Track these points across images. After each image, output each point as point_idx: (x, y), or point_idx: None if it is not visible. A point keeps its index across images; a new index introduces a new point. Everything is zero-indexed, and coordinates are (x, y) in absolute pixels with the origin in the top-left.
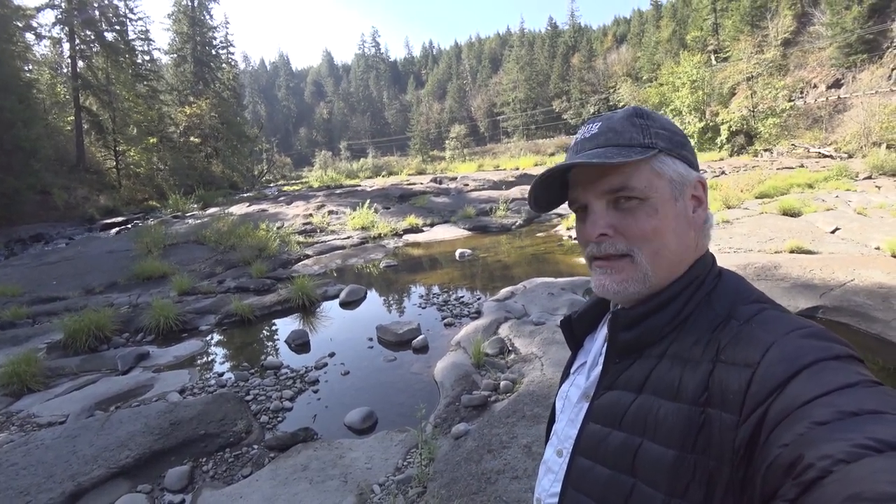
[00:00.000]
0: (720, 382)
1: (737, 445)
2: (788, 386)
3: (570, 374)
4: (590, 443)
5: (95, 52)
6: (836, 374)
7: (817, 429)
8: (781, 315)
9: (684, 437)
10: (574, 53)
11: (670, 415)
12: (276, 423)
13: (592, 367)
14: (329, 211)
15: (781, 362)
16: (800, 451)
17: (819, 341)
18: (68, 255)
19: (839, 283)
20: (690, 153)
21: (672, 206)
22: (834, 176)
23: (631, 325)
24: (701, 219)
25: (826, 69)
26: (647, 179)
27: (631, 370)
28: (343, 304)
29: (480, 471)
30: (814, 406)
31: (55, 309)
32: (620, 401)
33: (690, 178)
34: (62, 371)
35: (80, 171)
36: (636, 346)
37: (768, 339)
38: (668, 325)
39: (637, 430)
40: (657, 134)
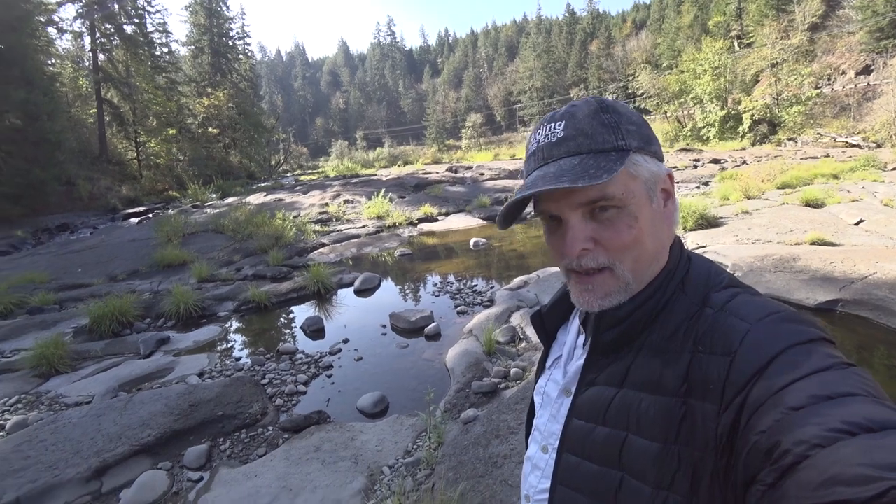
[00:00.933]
0: (700, 372)
1: (719, 434)
2: (765, 372)
3: (545, 369)
4: (575, 439)
5: (115, 45)
6: (810, 359)
7: (792, 414)
8: (754, 299)
9: (667, 428)
10: (592, 40)
11: (652, 407)
12: (291, 406)
13: (568, 360)
14: (345, 200)
15: (757, 349)
16: (777, 437)
17: (793, 325)
18: (92, 244)
19: (861, 276)
20: (657, 145)
21: (648, 208)
22: (861, 166)
23: (614, 323)
24: (671, 210)
25: (855, 55)
26: (623, 185)
27: (612, 366)
28: (357, 292)
29: (488, 455)
30: (789, 391)
31: (80, 295)
32: (603, 396)
33: (662, 174)
34: (88, 354)
35: (103, 162)
36: (621, 342)
37: (743, 327)
38: (648, 316)
39: (621, 425)
40: (628, 132)
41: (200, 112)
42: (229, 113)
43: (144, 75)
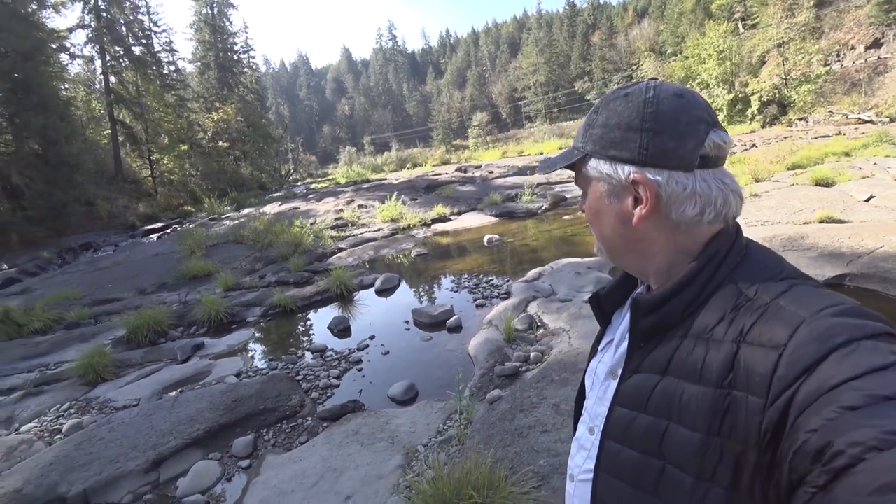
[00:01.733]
0: (746, 364)
1: (763, 429)
2: (818, 368)
3: (598, 352)
4: (617, 426)
5: (125, 66)
6: (870, 356)
7: (847, 414)
8: (813, 291)
9: (710, 420)
10: (594, 32)
11: (694, 398)
12: (326, 398)
13: (619, 343)
14: (359, 205)
15: (811, 343)
16: (829, 437)
17: (852, 319)
18: (118, 261)
19: (868, 250)
20: (628, 149)
21: (602, 204)
22: (873, 142)
23: (651, 309)
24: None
25: (864, 28)
26: (584, 178)
27: (655, 353)
28: (379, 292)
29: (514, 427)
30: (844, 390)
31: (114, 309)
32: (645, 384)
33: (620, 177)
34: (129, 362)
35: (119, 182)
36: (658, 330)
37: (797, 318)
38: (689, 305)
39: (662, 414)
40: (591, 136)
41: (210, 127)
42: (238, 126)
43: (154, 94)
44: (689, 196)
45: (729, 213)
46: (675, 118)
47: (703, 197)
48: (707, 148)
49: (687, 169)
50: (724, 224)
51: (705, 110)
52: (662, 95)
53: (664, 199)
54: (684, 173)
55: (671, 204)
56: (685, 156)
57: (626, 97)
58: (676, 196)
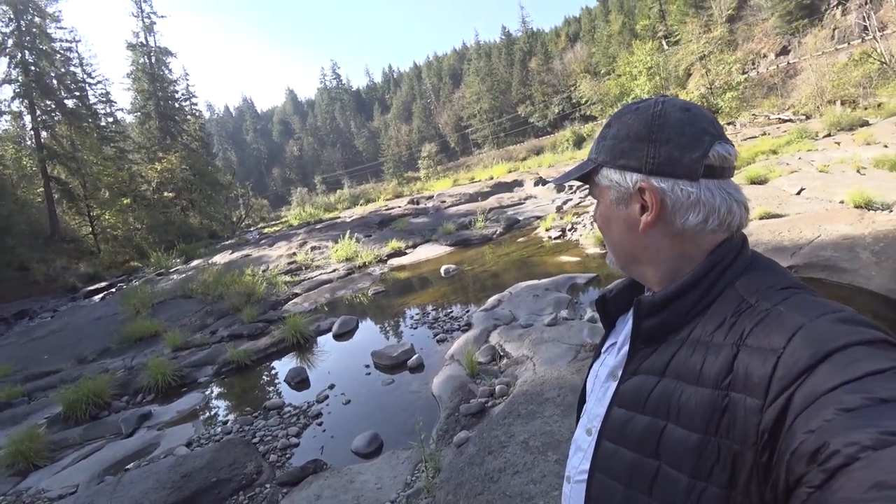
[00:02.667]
0: (745, 366)
1: (761, 430)
2: (815, 370)
3: (601, 354)
4: (614, 427)
5: (58, 120)
6: (866, 360)
7: (844, 415)
8: (812, 299)
9: (707, 420)
10: (531, 58)
11: (693, 398)
12: (286, 459)
13: (621, 346)
14: (312, 247)
15: (809, 346)
16: (825, 437)
17: (849, 325)
18: (55, 328)
19: (807, 240)
20: (636, 158)
21: (613, 211)
22: (795, 139)
23: (653, 311)
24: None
25: (772, 38)
26: (596, 188)
27: (655, 355)
28: (337, 336)
29: (483, 472)
30: (841, 392)
31: (50, 383)
32: (644, 385)
33: (628, 185)
34: (66, 443)
35: (57, 242)
36: (660, 333)
37: (796, 323)
38: (691, 310)
39: (660, 414)
40: (603, 146)
41: (154, 178)
42: (183, 175)
43: (91, 147)
44: (693, 204)
45: (733, 222)
46: (681, 130)
47: (707, 205)
48: (712, 158)
49: (692, 178)
50: (728, 233)
51: (710, 123)
52: (670, 109)
53: (669, 206)
54: (689, 182)
55: (676, 211)
56: (690, 165)
57: (636, 111)
58: (681, 204)
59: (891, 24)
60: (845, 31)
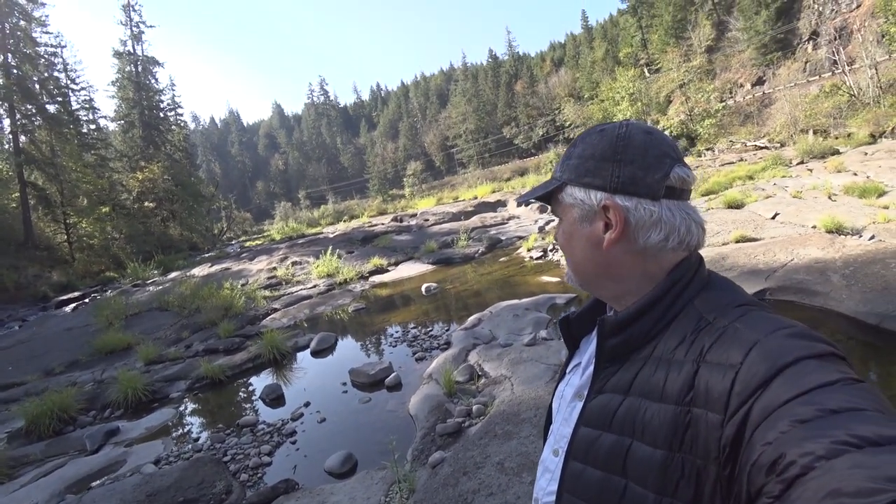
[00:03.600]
0: (705, 382)
1: (723, 444)
2: (771, 384)
3: (565, 374)
4: (581, 446)
5: (38, 125)
6: (818, 373)
7: (799, 427)
8: (766, 315)
9: (671, 436)
10: (517, 81)
11: (657, 415)
12: (257, 479)
13: (586, 367)
14: (293, 262)
15: (764, 361)
16: (782, 448)
17: (801, 340)
18: (23, 338)
19: (781, 264)
20: (601, 177)
21: (576, 229)
22: (770, 165)
23: (615, 331)
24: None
25: (748, 69)
26: (559, 206)
27: (619, 374)
28: (314, 353)
29: (457, 493)
30: (795, 404)
31: (13, 396)
32: (609, 404)
33: (593, 203)
34: (26, 459)
35: (30, 249)
36: (623, 351)
37: (751, 339)
38: (652, 328)
39: (626, 432)
40: (567, 165)
41: (135, 187)
42: (165, 185)
43: (71, 154)
44: (655, 222)
45: (692, 241)
46: (644, 151)
47: (668, 224)
48: (672, 180)
49: (654, 197)
50: (687, 252)
51: (671, 147)
52: (634, 132)
53: (632, 224)
54: (651, 201)
55: (638, 229)
56: (652, 185)
57: (601, 132)
58: (644, 222)
59: (858, 60)
60: (816, 64)
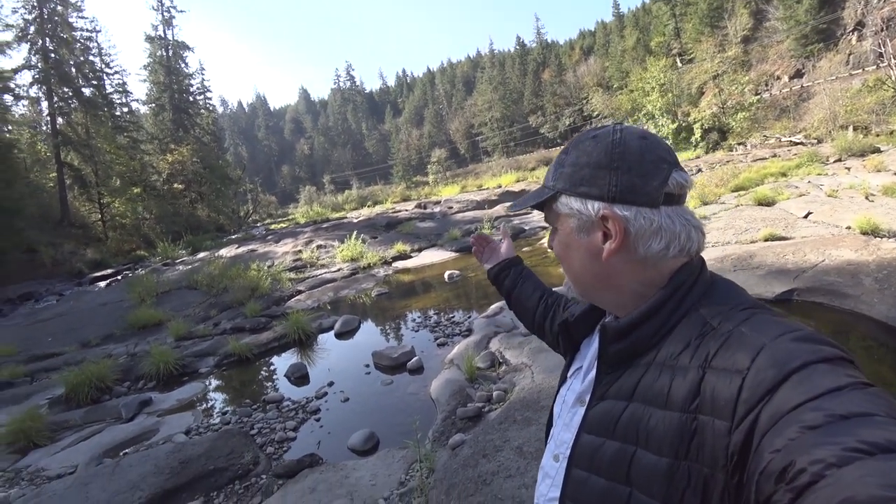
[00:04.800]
0: (711, 389)
1: (730, 452)
2: (778, 391)
3: (566, 379)
4: (584, 453)
5: (74, 107)
6: (826, 378)
7: (808, 433)
8: (771, 319)
9: (677, 444)
10: (544, 69)
11: (661, 423)
12: (282, 452)
13: (588, 371)
14: (318, 245)
15: (771, 367)
16: (791, 456)
17: (808, 344)
18: (61, 311)
19: (811, 264)
20: (597, 186)
21: (573, 239)
22: (805, 162)
23: (618, 337)
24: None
25: (786, 61)
26: (554, 216)
27: (622, 379)
28: (338, 335)
29: (476, 474)
30: (804, 410)
31: (53, 365)
32: (612, 410)
33: (590, 213)
34: (66, 424)
35: (66, 227)
36: (626, 357)
37: (758, 344)
38: (655, 334)
39: (630, 439)
40: (561, 174)
41: (165, 169)
42: (194, 168)
43: (105, 136)
44: (656, 231)
45: (692, 247)
46: (641, 157)
47: (669, 232)
48: (671, 186)
49: (653, 205)
50: (688, 258)
51: (667, 152)
52: (628, 137)
53: (632, 234)
54: (650, 209)
55: (639, 239)
56: (651, 193)
57: (594, 139)
58: (644, 231)
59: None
60: (860, 56)
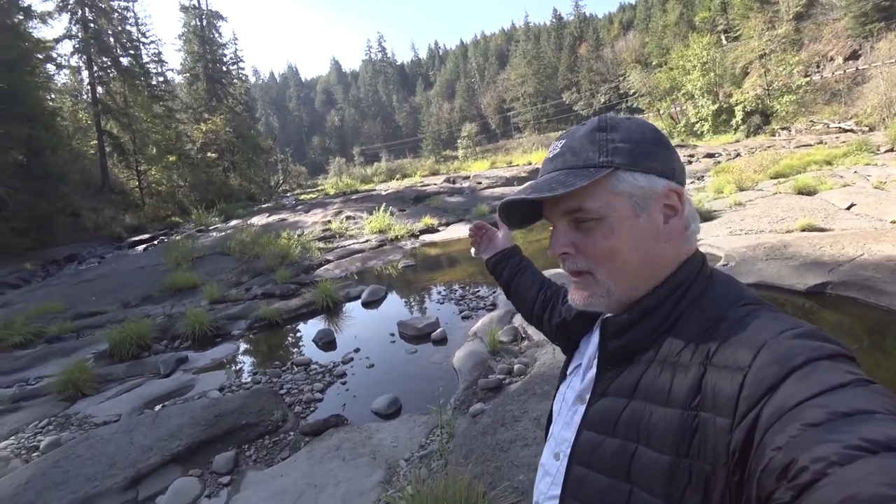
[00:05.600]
0: (713, 386)
1: (731, 449)
2: (780, 388)
3: (566, 376)
4: (585, 450)
5: (112, 77)
6: (828, 374)
7: (810, 431)
8: (773, 315)
9: (678, 441)
10: (581, 44)
11: (663, 420)
12: (309, 412)
13: (587, 369)
14: (346, 216)
15: (773, 364)
16: (793, 454)
17: (810, 341)
18: (103, 273)
19: (849, 258)
20: (660, 161)
21: (633, 223)
22: (854, 151)
23: (619, 332)
24: (677, 227)
25: (842, 41)
26: (603, 199)
27: (622, 376)
28: (365, 304)
29: (495, 441)
30: (806, 408)
31: (97, 322)
32: (613, 407)
33: (656, 189)
34: (110, 377)
35: (106, 192)
36: (626, 353)
37: (759, 341)
38: (656, 330)
39: (631, 437)
40: (616, 149)
41: (199, 138)
42: (227, 137)
43: (142, 105)
44: (692, 209)
45: (698, 228)
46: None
47: (691, 210)
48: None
49: (683, 184)
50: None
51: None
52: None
53: (686, 210)
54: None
55: (689, 215)
56: (682, 173)
57: (629, 119)
58: (690, 207)
59: None
60: None
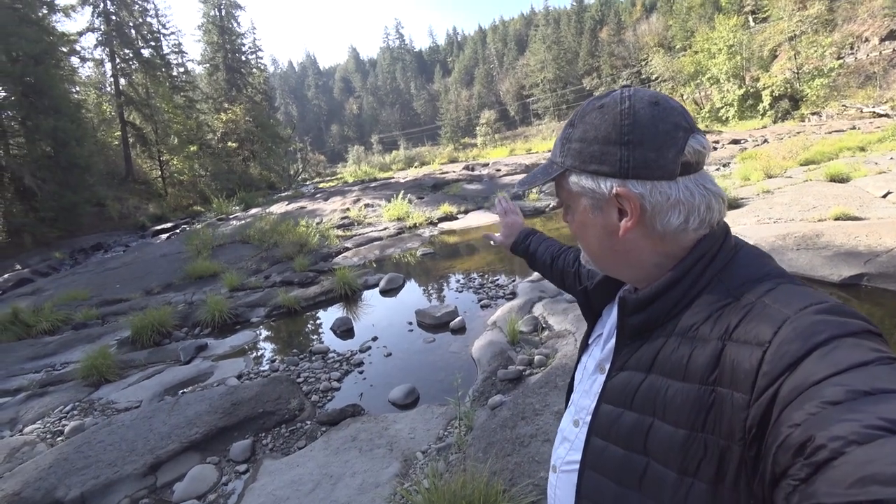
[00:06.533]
0: (731, 361)
1: (748, 425)
2: (801, 365)
3: (588, 346)
4: (603, 423)
5: (134, 69)
6: (851, 352)
7: (829, 409)
8: (796, 289)
9: (694, 416)
10: (602, 28)
11: (679, 394)
12: (326, 401)
13: (608, 338)
14: (365, 204)
15: (794, 340)
16: (811, 431)
17: (834, 317)
18: (127, 261)
19: (886, 248)
20: (609, 163)
21: (587, 218)
22: (889, 136)
23: (638, 308)
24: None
25: (878, 20)
26: (565, 192)
27: (641, 350)
28: (383, 292)
29: (515, 435)
30: (826, 385)
31: (121, 309)
32: (631, 381)
33: (603, 191)
34: (133, 363)
35: (130, 183)
36: (645, 328)
37: (781, 316)
38: (676, 305)
39: (647, 410)
40: (569, 150)
41: (219, 128)
42: (247, 126)
43: (164, 96)
44: (673, 205)
45: (713, 218)
46: (654, 127)
47: (687, 205)
48: (687, 154)
49: (669, 178)
50: (709, 229)
51: (682, 116)
52: (638, 105)
53: (648, 210)
54: (667, 182)
55: (655, 215)
56: (666, 165)
57: (601, 109)
58: (660, 206)
59: None
60: None
